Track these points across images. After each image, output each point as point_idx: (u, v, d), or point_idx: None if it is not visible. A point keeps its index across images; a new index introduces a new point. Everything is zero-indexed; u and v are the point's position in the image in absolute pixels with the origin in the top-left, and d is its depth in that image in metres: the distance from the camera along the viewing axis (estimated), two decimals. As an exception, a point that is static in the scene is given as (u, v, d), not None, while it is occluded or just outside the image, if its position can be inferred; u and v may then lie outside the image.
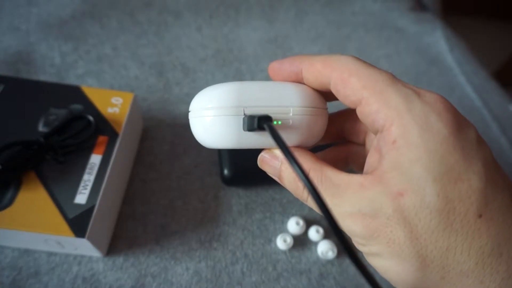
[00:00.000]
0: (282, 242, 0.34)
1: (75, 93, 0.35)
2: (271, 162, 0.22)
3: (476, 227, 0.16)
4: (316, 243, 0.35)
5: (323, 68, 0.20)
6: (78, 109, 0.34)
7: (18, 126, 0.32)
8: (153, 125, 0.41)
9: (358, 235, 0.18)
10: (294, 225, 0.35)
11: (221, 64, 0.47)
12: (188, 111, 0.22)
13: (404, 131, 0.17)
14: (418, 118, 0.17)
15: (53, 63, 0.44)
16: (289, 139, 0.21)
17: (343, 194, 0.18)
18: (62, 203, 0.29)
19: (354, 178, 0.18)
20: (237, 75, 0.46)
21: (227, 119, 0.20)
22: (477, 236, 0.16)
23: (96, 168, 0.31)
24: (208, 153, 0.39)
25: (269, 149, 0.22)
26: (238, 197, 0.37)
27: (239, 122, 0.20)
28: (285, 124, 0.20)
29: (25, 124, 0.32)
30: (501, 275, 0.16)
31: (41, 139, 0.30)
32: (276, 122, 0.20)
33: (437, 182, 0.16)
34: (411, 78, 0.52)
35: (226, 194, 0.37)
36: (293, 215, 0.36)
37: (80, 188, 0.30)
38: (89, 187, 0.30)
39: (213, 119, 0.20)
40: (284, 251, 0.35)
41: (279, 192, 0.38)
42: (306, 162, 0.20)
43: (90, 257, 0.32)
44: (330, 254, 0.34)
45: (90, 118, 0.33)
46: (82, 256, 0.32)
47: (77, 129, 0.32)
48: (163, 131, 0.41)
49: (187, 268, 0.33)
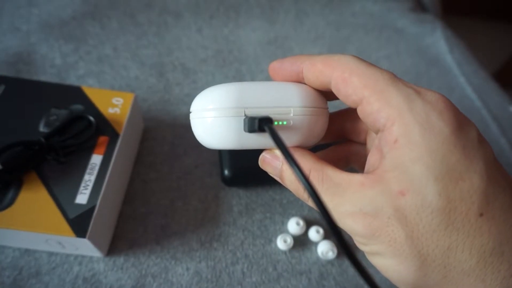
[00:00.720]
0: (282, 243, 0.34)
1: (76, 93, 0.35)
2: (272, 162, 0.22)
3: (477, 226, 0.16)
4: (316, 244, 0.35)
5: (324, 67, 0.20)
6: (79, 109, 0.34)
7: (19, 126, 0.32)
8: (153, 125, 0.41)
9: (359, 234, 0.18)
10: (294, 226, 0.35)
11: (221, 64, 0.48)
12: (189, 111, 0.22)
13: (406, 130, 0.17)
14: (419, 117, 0.17)
15: (54, 63, 0.44)
16: (289, 139, 0.21)
17: (344, 193, 0.18)
18: (63, 203, 0.29)
19: (355, 177, 0.18)
20: (237, 76, 0.46)
21: (228, 120, 0.20)
22: (479, 235, 0.16)
23: (97, 168, 0.31)
24: (209, 153, 0.40)
25: (270, 149, 0.22)
26: (238, 198, 0.37)
27: (240, 123, 0.20)
28: (285, 125, 0.20)
29: (26, 124, 0.32)
30: (502, 274, 0.16)
31: (42, 139, 0.30)
32: (277, 123, 0.20)
33: (439, 182, 0.16)
34: (411, 78, 0.52)
35: (226, 194, 0.37)
36: (293, 216, 0.37)
37: (81, 188, 0.30)
38: (90, 187, 0.30)
39: (214, 120, 0.20)
40: (284, 252, 0.35)
41: (279, 193, 0.38)
42: (307, 162, 0.20)
43: (91, 257, 0.32)
44: (330, 255, 0.34)
45: (91, 118, 0.33)
46: (83, 256, 0.32)
47: (78, 130, 0.32)
48: (163, 131, 0.41)
49: (188, 268, 0.33)
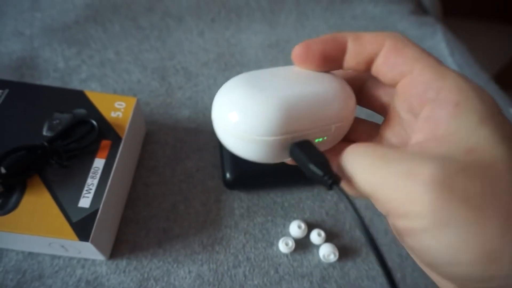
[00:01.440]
0: (284, 246, 0.34)
1: (78, 97, 0.35)
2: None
3: None
4: (317, 247, 0.35)
5: (374, 37, 0.19)
6: (81, 113, 0.34)
7: (23, 130, 0.32)
8: (155, 129, 0.41)
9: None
10: (296, 229, 0.35)
11: (223, 68, 0.48)
12: (214, 117, 0.20)
13: (465, 96, 0.17)
14: (474, 89, 0.17)
15: (57, 67, 0.45)
16: (325, 146, 0.21)
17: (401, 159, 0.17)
18: (66, 207, 0.29)
19: (409, 146, 0.18)
20: (238, 79, 0.47)
21: (270, 147, 0.18)
22: None
23: (99, 172, 0.31)
24: (210, 157, 0.40)
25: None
26: (240, 201, 0.37)
27: (281, 146, 0.19)
28: (325, 140, 0.20)
29: (29, 128, 0.33)
30: None
31: (45, 143, 0.30)
32: (319, 140, 0.20)
33: (505, 143, 0.16)
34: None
35: (228, 197, 0.37)
36: (294, 219, 0.37)
37: (84, 192, 0.30)
38: (92, 191, 0.30)
39: (254, 145, 0.18)
40: (286, 255, 0.35)
41: (280, 196, 0.38)
42: (367, 157, 0.18)
43: (94, 260, 0.32)
44: (332, 258, 0.34)
45: (94, 122, 0.33)
46: (86, 260, 0.32)
47: (81, 134, 0.32)
48: (165, 135, 0.41)
49: (190, 272, 0.33)
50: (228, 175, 0.36)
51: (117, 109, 0.35)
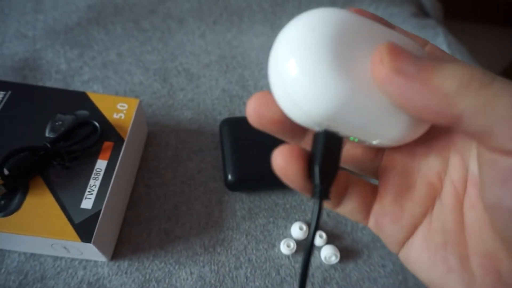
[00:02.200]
0: (285, 247, 0.34)
1: (81, 99, 0.35)
2: None
3: None
4: (319, 248, 0.35)
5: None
6: (84, 115, 0.34)
7: (25, 132, 0.32)
8: (157, 130, 0.41)
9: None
10: (297, 230, 0.35)
11: (225, 70, 0.48)
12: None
13: None
14: None
15: (59, 69, 0.45)
16: (354, 144, 0.19)
17: None
18: (68, 208, 0.29)
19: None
20: (240, 81, 0.47)
21: (306, 118, 0.16)
22: None
23: (101, 173, 0.31)
24: (212, 158, 0.40)
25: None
26: (241, 202, 0.37)
27: (315, 124, 0.17)
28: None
29: (32, 130, 0.33)
30: None
31: (48, 144, 0.30)
32: (353, 139, 0.18)
33: None
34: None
35: (229, 199, 0.37)
36: (296, 220, 0.37)
37: (86, 193, 0.30)
38: (95, 192, 0.30)
39: (294, 108, 0.16)
40: (287, 256, 0.35)
41: (282, 197, 0.38)
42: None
43: (96, 261, 0.32)
44: (333, 259, 0.34)
45: (96, 124, 0.33)
46: (88, 261, 0.32)
47: (83, 135, 0.32)
48: (167, 136, 0.41)
49: (191, 273, 0.33)
50: (229, 176, 0.36)
51: (119, 111, 0.35)
